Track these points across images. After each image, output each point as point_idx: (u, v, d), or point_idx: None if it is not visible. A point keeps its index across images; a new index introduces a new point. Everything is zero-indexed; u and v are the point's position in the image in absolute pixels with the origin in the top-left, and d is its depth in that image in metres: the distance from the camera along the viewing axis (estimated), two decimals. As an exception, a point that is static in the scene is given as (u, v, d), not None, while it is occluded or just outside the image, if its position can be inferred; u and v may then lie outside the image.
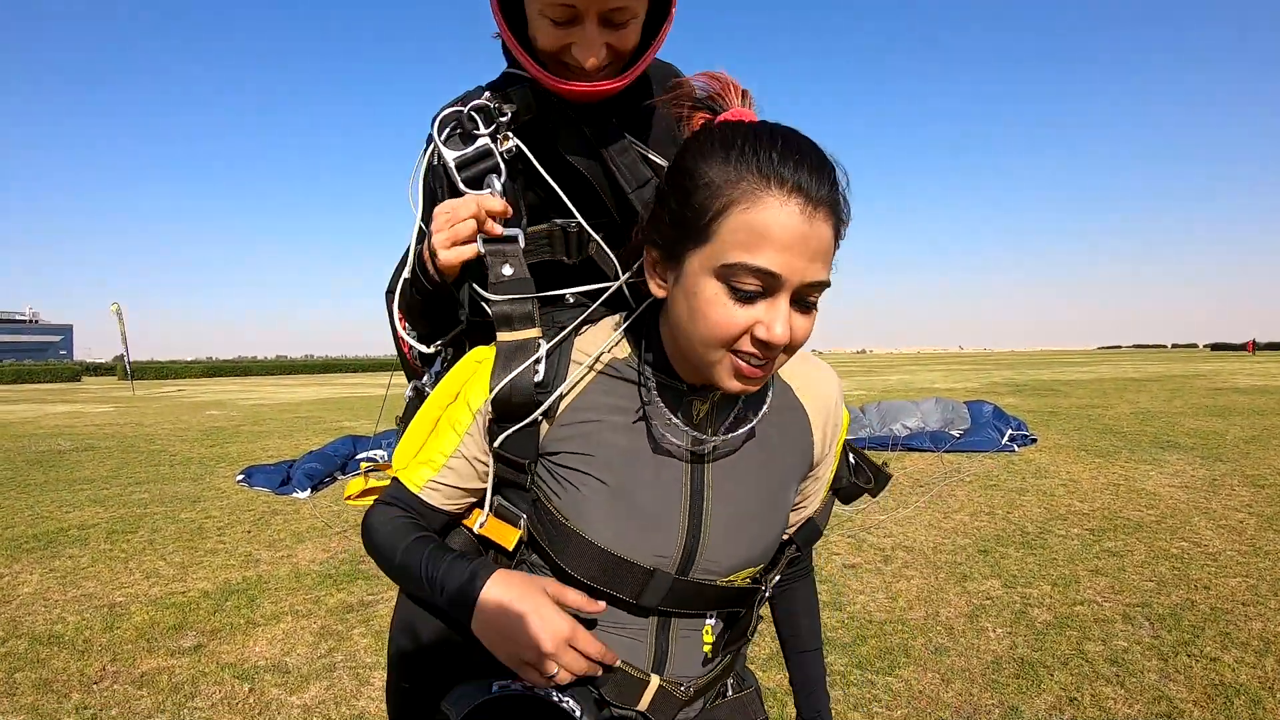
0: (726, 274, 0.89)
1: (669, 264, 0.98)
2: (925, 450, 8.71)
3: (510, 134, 1.35)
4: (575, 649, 0.99)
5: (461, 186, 1.28)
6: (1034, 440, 9.31)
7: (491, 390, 1.05)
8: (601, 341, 1.11)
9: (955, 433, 9.17)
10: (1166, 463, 7.63)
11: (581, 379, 1.09)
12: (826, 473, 1.24)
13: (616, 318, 1.15)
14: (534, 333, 1.10)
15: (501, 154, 1.33)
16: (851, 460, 1.31)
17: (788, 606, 1.37)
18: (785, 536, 1.22)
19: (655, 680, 1.12)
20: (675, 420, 1.07)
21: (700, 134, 0.98)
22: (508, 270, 1.15)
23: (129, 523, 5.78)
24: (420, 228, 1.34)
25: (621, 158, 1.36)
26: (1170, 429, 10.23)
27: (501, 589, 1.00)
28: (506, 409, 1.06)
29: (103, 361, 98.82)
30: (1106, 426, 10.75)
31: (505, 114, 1.34)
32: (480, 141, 1.32)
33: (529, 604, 0.99)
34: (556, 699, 1.05)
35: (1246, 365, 33.80)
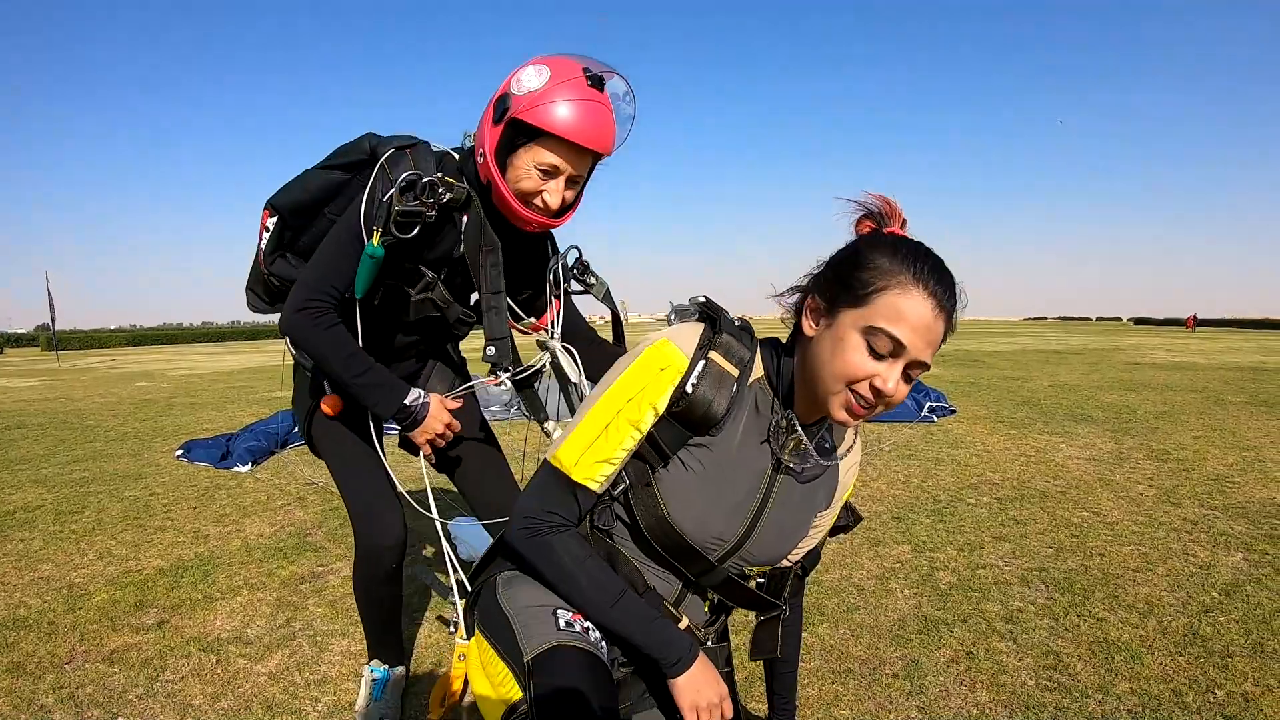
0: (870, 334, 1.20)
1: (823, 313, 1.28)
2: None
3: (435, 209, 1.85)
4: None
5: (395, 233, 1.81)
6: (953, 411, 9.61)
7: (686, 393, 1.32)
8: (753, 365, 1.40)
9: (878, 406, 9.41)
10: (1078, 435, 7.92)
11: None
12: (831, 518, 1.58)
13: (765, 350, 1.43)
14: (735, 371, 1.35)
15: (426, 218, 1.82)
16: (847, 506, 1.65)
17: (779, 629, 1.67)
18: (795, 558, 1.56)
19: (685, 620, 1.45)
20: (781, 443, 1.38)
21: (875, 234, 1.30)
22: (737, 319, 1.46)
23: (74, 503, 5.77)
24: (360, 231, 1.87)
25: (491, 270, 1.92)
26: (1085, 402, 10.58)
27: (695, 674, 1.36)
28: (688, 417, 1.32)
29: (24, 331, 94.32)
30: (1024, 399, 11.08)
31: (444, 198, 1.82)
32: (418, 208, 1.79)
33: (714, 692, 1.36)
34: (604, 649, 1.36)
35: (1166, 340, 34.75)
